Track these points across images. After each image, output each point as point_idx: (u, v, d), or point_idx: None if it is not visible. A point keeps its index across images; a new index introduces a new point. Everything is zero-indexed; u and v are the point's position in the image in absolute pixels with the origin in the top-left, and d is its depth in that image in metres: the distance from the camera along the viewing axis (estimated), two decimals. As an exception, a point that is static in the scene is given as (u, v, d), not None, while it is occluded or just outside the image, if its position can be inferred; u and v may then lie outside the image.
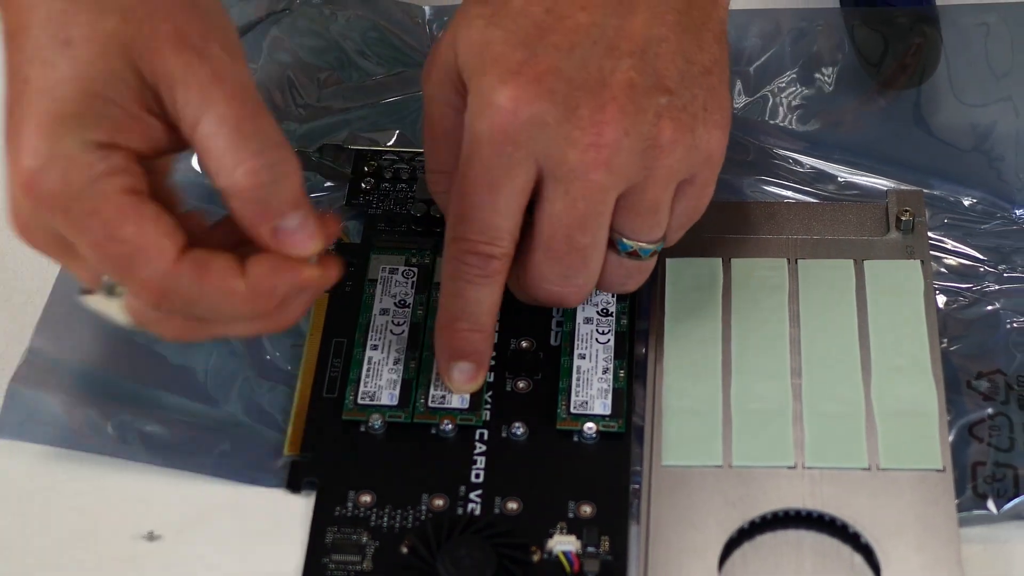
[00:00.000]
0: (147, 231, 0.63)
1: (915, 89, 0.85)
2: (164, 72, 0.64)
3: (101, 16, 0.64)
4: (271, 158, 0.65)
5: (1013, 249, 0.80)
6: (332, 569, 0.70)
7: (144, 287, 0.64)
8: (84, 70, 0.63)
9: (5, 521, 0.73)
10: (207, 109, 0.64)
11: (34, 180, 0.63)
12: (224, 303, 0.65)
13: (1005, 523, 0.71)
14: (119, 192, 0.63)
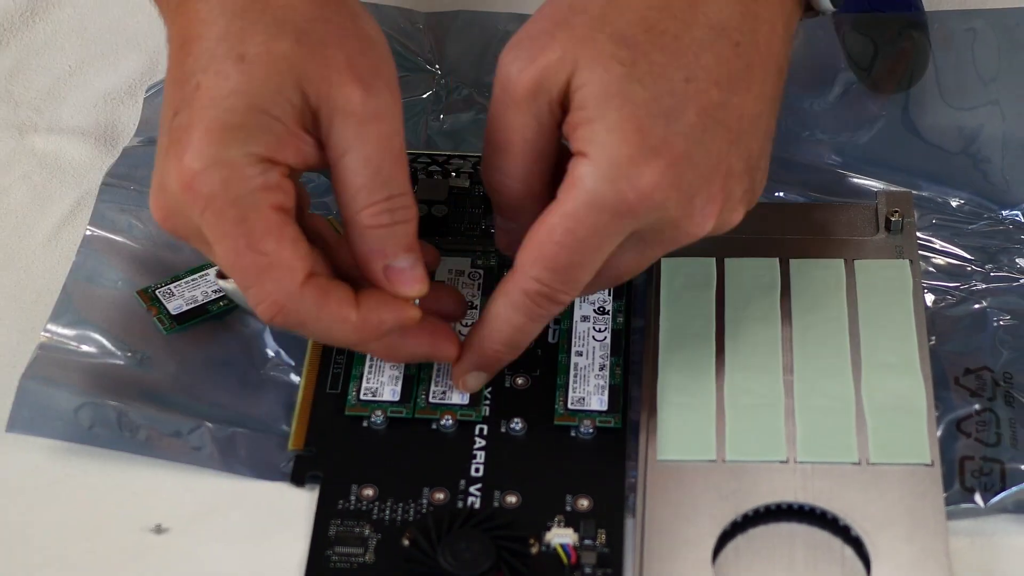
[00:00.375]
0: (285, 250, 0.67)
1: (904, 93, 0.85)
2: (328, 98, 0.67)
3: (276, 37, 0.67)
4: (396, 204, 0.68)
5: (999, 248, 0.80)
6: (335, 561, 0.70)
7: (266, 300, 0.67)
8: (255, 86, 0.66)
9: (16, 514, 0.73)
10: (357, 146, 0.67)
11: (195, 179, 0.65)
12: (335, 329, 0.69)
13: (992, 516, 0.71)
14: (269, 207, 0.66)
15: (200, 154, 0.66)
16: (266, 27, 0.67)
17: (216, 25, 0.67)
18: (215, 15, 0.67)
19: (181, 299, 0.79)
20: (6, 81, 0.91)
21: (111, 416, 0.74)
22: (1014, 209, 0.82)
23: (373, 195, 0.68)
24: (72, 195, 0.85)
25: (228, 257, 0.67)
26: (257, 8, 0.68)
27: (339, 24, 0.68)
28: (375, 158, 0.68)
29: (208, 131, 0.66)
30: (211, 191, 0.66)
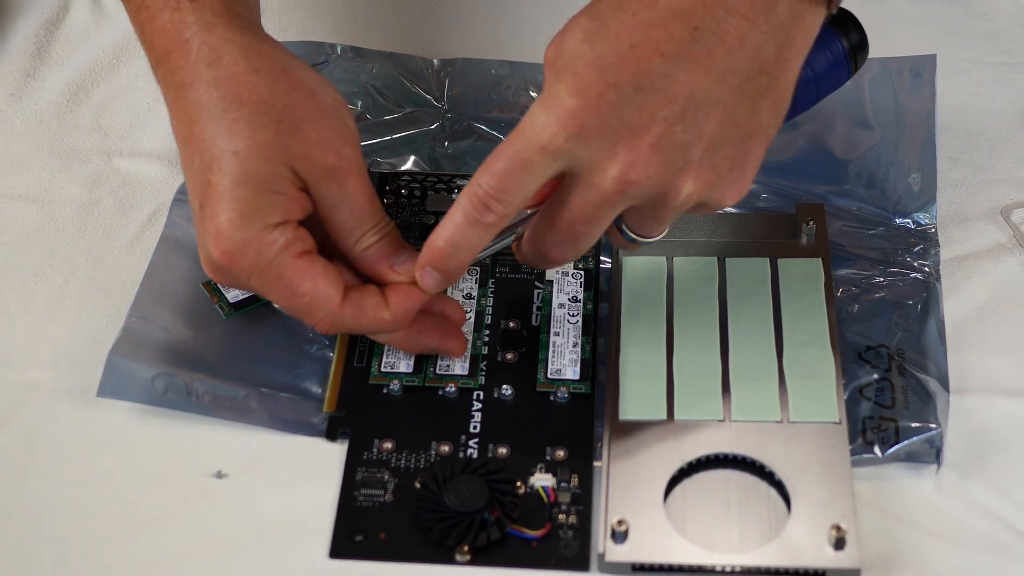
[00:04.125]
0: (319, 285, 0.69)
1: (822, 125, 0.85)
2: (311, 169, 0.69)
3: (259, 129, 0.68)
4: (379, 226, 0.71)
5: (893, 250, 0.80)
6: (361, 500, 0.70)
7: (319, 324, 0.70)
8: (253, 174, 0.68)
9: (106, 462, 0.73)
10: (341, 199, 0.70)
11: (232, 258, 0.68)
12: (376, 327, 0.71)
13: (888, 464, 0.71)
14: (295, 256, 0.68)
15: (231, 239, 0.68)
16: (247, 123, 0.68)
17: (206, 126, 0.69)
18: (203, 116, 0.69)
19: (237, 290, 0.79)
20: (96, 115, 0.91)
21: (181, 384, 0.74)
22: (905, 218, 0.82)
23: (362, 227, 0.70)
24: (149, 207, 0.85)
25: (279, 302, 0.70)
26: (234, 104, 0.68)
27: (304, 106, 0.69)
28: (357, 204, 0.70)
29: (230, 220, 0.68)
30: (249, 263, 0.68)
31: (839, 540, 0.66)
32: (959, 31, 0.94)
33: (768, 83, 0.66)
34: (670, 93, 0.64)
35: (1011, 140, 0.87)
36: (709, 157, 0.66)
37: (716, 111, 0.65)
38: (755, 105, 0.66)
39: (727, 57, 0.64)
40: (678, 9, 0.64)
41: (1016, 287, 0.79)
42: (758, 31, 0.64)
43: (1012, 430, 0.73)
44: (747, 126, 0.66)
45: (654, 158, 0.65)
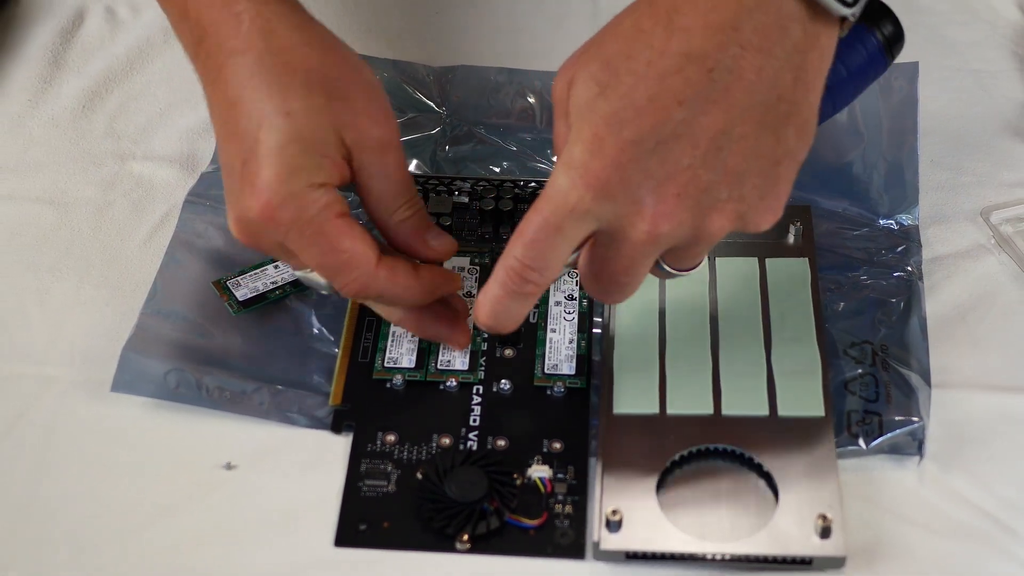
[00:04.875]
0: (357, 245, 0.68)
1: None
2: (358, 139, 0.69)
3: (311, 94, 0.68)
4: (413, 200, 0.72)
5: (877, 250, 0.80)
6: (365, 491, 0.70)
7: (351, 284, 0.69)
8: (304, 134, 0.67)
9: (120, 455, 0.73)
10: (382, 170, 0.70)
11: (275, 212, 0.67)
12: (404, 295, 0.71)
13: (872, 456, 0.71)
14: (335, 217, 0.68)
15: (276, 192, 0.67)
16: (300, 86, 0.68)
17: (259, 88, 0.68)
18: (254, 80, 0.68)
19: (246, 288, 0.79)
20: (111, 119, 0.91)
21: (192, 379, 0.74)
22: (889, 219, 0.82)
23: (399, 200, 0.71)
24: (162, 208, 0.85)
25: (316, 259, 0.68)
26: (287, 72, 0.68)
27: (351, 79, 0.70)
28: (395, 176, 0.70)
29: (277, 174, 0.67)
30: (291, 217, 0.67)
31: (825, 529, 0.66)
32: (941, 40, 0.95)
33: (789, 109, 0.63)
34: (692, 139, 0.62)
35: (990, 144, 0.87)
36: (737, 191, 0.63)
37: (738, 146, 0.62)
38: (779, 133, 0.63)
39: (745, 93, 0.62)
40: (692, 53, 0.61)
41: (995, 286, 0.79)
42: (774, 61, 0.62)
43: (991, 423, 0.73)
44: (773, 155, 0.63)
45: (681, 206, 0.63)
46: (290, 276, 0.79)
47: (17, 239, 0.83)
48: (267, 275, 0.79)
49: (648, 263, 0.66)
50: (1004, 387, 0.74)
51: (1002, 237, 0.81)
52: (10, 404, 0.75)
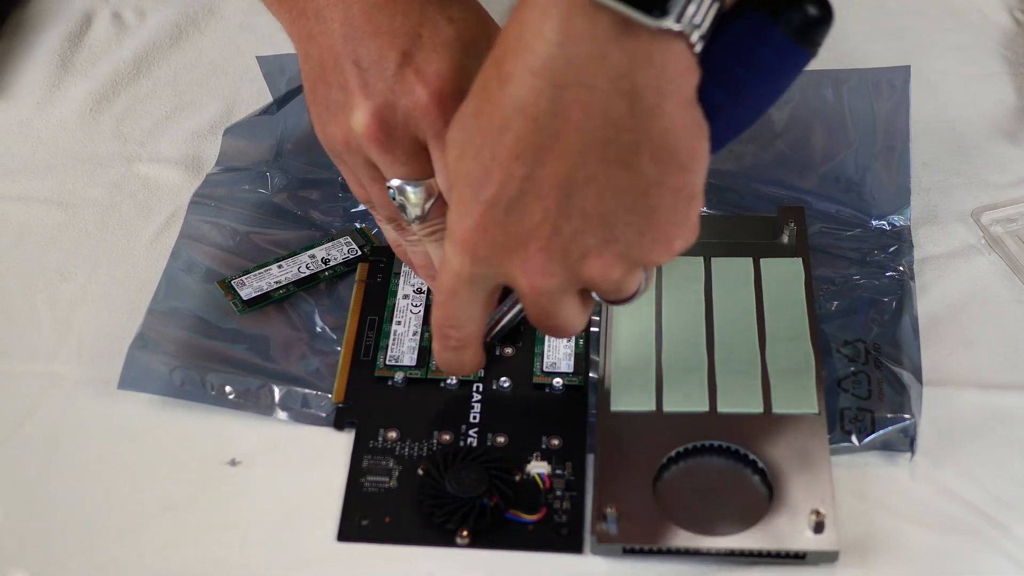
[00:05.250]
0: None
1: (803, 132, 0.85)
2: None
3: (467, 8, 0.67)
4: None
5: (869, 250, 0.80)
6: (367, 487, 0.70)
7: None
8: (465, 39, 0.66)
9: (126, 451, 0.73)
10: None
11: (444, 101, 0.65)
12: None
13: (864, 452, 0.71)
14: None
15: (449, 81, 0.65)
16: (459, 3, 0.67)
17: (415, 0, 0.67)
18: None
19: (251, 287, 0.79)
20: (117, 122, 0.91)
21: (197, 377, 0.74)
22: (881, 220, 0.82)
23: None
24: (168, 209, 0.85)
25: None
26: None
27: (483, 11, 0.68)
28: None
29: (450, 67, 0.65)
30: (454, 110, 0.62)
31: (819, 524, 0.66)
32: (932, 44, 0.95)
33: (635, 138, 0.57)
34: (538, 193, 0.59)
35: (980, 147, 0.87)
36: (606, 233, 0.60)
37: (589, 189, 0.59)
38: (631, 166, 0.58)
39: (577, 134, 0.57)
40: (516, 105, 0.58)
41: (985, 285, 0.79)
42: (598, 94, 0.57)
43: (981, 420, 0.73)
44: (634, 188, 0.59)
45: (550, 259, 0.61)
46: (294, 275, 0.79)
47: (26, 239, 0.83)
48: (271, 275, 0.79)
49: (562, 308, 0.64)
50: (994, 385, 0.74)
51: (992, 238, 0.81)
52: (19, 401, 0.75)
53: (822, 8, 0.58)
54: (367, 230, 0.82)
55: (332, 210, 0.83)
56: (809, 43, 0.59)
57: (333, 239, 0.81)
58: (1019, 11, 0.97)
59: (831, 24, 0.59)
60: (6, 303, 0.80)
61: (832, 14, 0.58)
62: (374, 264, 0.80)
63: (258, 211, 0.83)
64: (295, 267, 0.80)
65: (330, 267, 0.80)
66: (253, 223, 0.82)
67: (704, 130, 0.59)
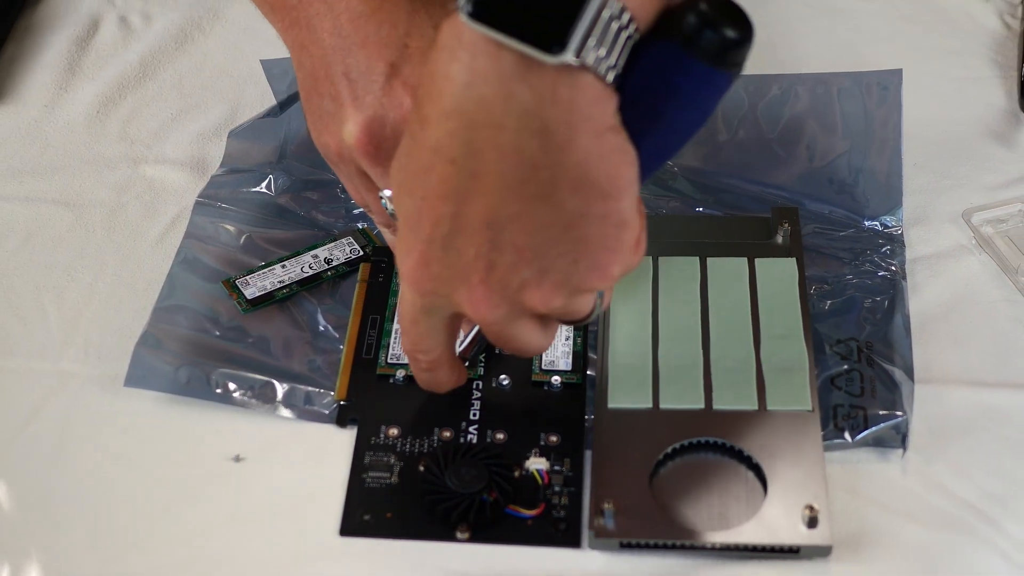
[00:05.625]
0: None
1: (797, 135, 0.85)
2: None
3: None
4: None
5: (862, 250, 0.80)
6: (369, 482, 0.70)
7: None
8: None
9: (133, 447, 0.73)
10: None
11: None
12: None
13: (857, 449, 0.71)
14: None
15: None
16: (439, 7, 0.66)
17: (402, 8, 0.66)
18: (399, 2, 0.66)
19: (255, 287, 0.79)
20: (124, 124, 0.91)
21: (202, 375, 0.74)
22: (873, 220, 0.82)
23: None
24: (173, 210, 0.85)
25: None
26: None
27: None
28: None
29: None
30: None
31: (812, 519, 0.66)
32: (923, 48, 0.95)
33: (552, 174, 0.57)
34: (468, 231, 0.59)
35: (971, 149, 0.87)
36: (541, 264, 0.60)
37: (517, 225, 0.58)
38: (551, 201, 0.58)
39: (494, 174, 0.57)
40: (434, 147, 0.58)
41: (976, 285, 0.79)
42: (508, 133, 0.56)
43: (971, 417, 0.73)
44: (558, 222, 0.58)
45: (490, 291, 0.61)
46: (297, 275, 0.79)
47: (34, 239, 0.83)
48: (275, 274, 0.79)
49: (519, 333, 0.64)
50: (985, 382, 0.74)
51: (983, 238, 0.81)
52: (28, 398, 0.75)
53: (740, 29, 0.57)
54: (369, 231, 0.82)
55: (334, 211, 0.83)
56: (728, 65, 0.58)
57: (335, 239, 0.81)
58: (1009, 16, 0.97)
59: (750, 43, 0.57)
60: (15, 302, 0.80)
61: (752, 33, 0.57)
62: (376, 264, 0.80)
63: (262, 212, 0.83)
64: (298, 267, 0.80)
65: (332, 267, 0.80)
66: (257, 224, 0.82)
67: (626, 155, 0.58)
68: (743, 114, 0.84)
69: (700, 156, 0.84)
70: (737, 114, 0.85)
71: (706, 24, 0.56)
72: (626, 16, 0.55)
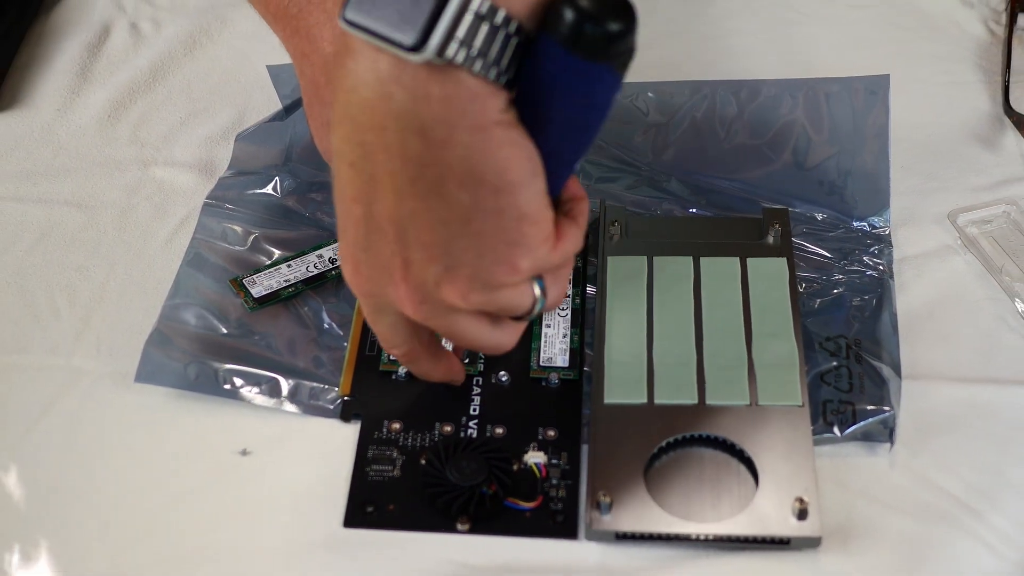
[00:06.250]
0: None
1: (787, 138, 0.85)
2: None
3: None
4: None
5: (850, 250, 0.80)
6: (372, 476, 0.70)
7: None
8: None
9: (143, 441, 0.73)
10: None
11: None
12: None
13: (846, 443, 0.71)
14: None
15: None
16: None
17: None
18: None
19: (261, 286, 0.79)
20: (134, 128, 0.91)
21: (210, 371, 0.74)
22: (861, 221, 0.82)
23: None
24: (182, 211, 0.85)
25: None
26: None
27: None
28: None
29: None
30: None
31: (802, 511, 0.66)
32: (910, 54, 0.95)
33: (438, 172, 0.57)
34: (379, 230, 0.59)
35: (957, 152, 0.87)
36: (450, 259, 0.59)
37: (419, 222, 0.58)
38: (444, 197, 0.57)
39: (387, 174, 0.57)
40: (338, 151, 0.58)
41: (961, 284, 0.79)
42: (390, 134, 0.56)
43: (957, 412, 0.73)
44: (456, 217, 0.58)
45: (411, 288, 0.61)
46: (302, 274, 0.79)
47: (47, 239, 0.83)
48: (280, 274, 0.79)
49: (463, 329, 0.63)
50: (970, 378, 0.74)
51: (968, 238, 0.81)
52: (41, 393, 0.75)
53: (621, 20, 0.55)
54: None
55: (339, 212, 0.83)
56: (612, 57, 0.56)
57: (340, 239, 0.81)
58: (993, 22, 0.97)
59: (634, 32, 0.55)
60: (29, 300, 0.80)
61: (634, 20, 0.55)
62: (379, 263, 0.80)
63: (268, 213, 0.83)
64: (303, 266, 0.80)
65: (337, 266, 0.80)
66: (263, 224, 0.82)
67: (518, 150, 0.57)
68: (735, 118, 0.85)
69: (693, 159, 0.84)
70: (729, 118, 0.85)
71: (585, 19, 0.54)
72: (500, 15, 0.55)
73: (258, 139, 0.86)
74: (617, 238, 0.79)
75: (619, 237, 0.79)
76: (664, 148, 0.85)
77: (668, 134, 0.85)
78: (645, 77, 0.87)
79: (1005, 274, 0.79)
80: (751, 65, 0.92)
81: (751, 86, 0.85)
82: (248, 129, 0.87)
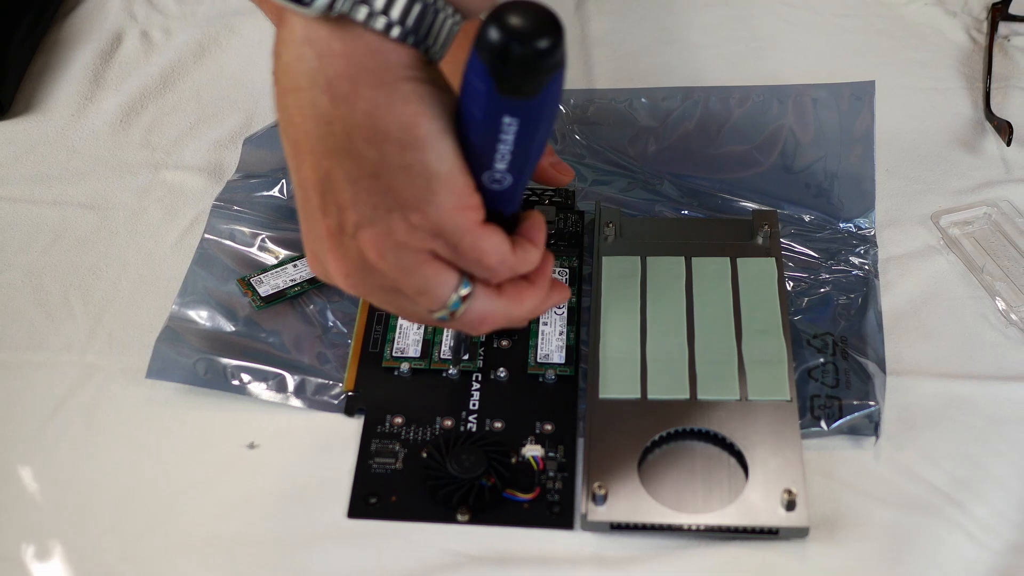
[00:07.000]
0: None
1: (776, 143, 0.85)
2: None
3: None
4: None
5: (837, 250, 0.80)
6: (375, 468, 0.70)
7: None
8: None
9: (153, 435, 0.73)
10: None
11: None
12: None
13: (832, 437, 0.71)
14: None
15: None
16: None
17: None
18: None
19: (268, 285, 0.78)
20: (145, 132, 0.91)
21: (219, 367, 0.74)
22: (847, 223, 0.82)
23: None
24: (191, 213, 0.85)
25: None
26: None
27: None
28: None
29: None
30: None
31: (790, 502, 0.66)
32: (895, 61, 0.95)
33: (344, 127, 0.56)
34: (306, 195, 0.59)
35: (940, 155, 0.87)
36: (361, 218, 0.58)
37: (334, 183, 0.57)
38: (352, 152, 0.57)
39: (303, 135, 0.58)
40: (276, 120, 0.59)
41: (944, 283, 0.79)
42: (303, 93, 0.57)
43: (940, 406, 0.73)
44: (364, 172, 0.57)
45: (336, 252, 0.60)
46: (308, 274, 0.79)
47: (61, 240, 0.83)
48: (287, 273, 0.79)
49: (399, 303, 0.62)
50: (952, 374, 0.74)
51: (950, 239, 0.81)
52: (56, 389, 0.75)
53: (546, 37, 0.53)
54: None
55: (343, 214, 0.83)
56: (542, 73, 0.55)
57: (344, 240, 0.81)
58: (975, 31, 0.97)
59: (561, 46, 0.54)
60: (43, 299, 0.80)
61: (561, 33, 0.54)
62: (382, 263, 0.80)
63: (275, 214, 0.83)
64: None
65: (341, 266, 0.80)
66: (270, 226, 0.82)
67: (427, 107, 0.56)
68: (725, 123, 0.85)
69: (685, 162, 0.84)
70: (719, 123, 0.85)
71: (511, 41, 0.53)
72: None
73: (265, 143, 0.86)
74: (612, 239, 0.79)
75: (613, 238, 0.79)
76: (657, 152, 0.85)
77: (661, 138, 0.85)
78: (638, 83, 0.87)
79: (986, 273, 0.79)
80: (742, 72, 0.92)
81: (741, 92, 0.85)
82: (256, 133, 0.87)
